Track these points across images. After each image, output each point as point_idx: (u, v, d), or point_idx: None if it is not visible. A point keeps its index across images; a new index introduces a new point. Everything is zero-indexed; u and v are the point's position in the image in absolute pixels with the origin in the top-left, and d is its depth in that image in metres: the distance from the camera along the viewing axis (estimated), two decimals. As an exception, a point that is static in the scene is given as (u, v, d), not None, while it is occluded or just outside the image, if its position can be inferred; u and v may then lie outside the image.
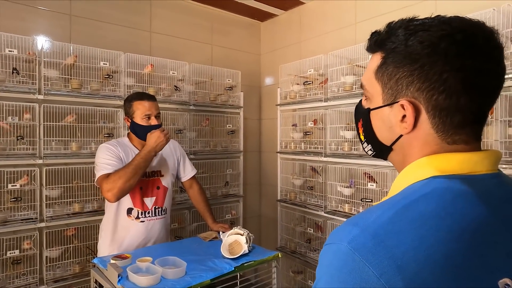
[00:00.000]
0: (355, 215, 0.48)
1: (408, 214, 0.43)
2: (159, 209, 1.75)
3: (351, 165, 2.13)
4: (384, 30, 0.53)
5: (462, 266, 0.40)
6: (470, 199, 0.45)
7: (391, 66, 0.51)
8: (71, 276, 1.99)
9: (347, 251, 0.41)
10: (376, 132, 0.58)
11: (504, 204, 0.48)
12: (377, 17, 2.25)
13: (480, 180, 0.48)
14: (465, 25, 0.48)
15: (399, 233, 0.41)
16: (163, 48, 2.63)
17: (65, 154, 1.99)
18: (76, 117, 2.05)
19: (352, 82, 2.10)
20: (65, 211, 2.00)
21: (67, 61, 2.02)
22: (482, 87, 0.47)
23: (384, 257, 0.39)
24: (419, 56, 0.48)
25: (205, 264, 1.35)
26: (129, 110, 1.70)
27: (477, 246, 0.42)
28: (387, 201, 0.48)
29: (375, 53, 0.55)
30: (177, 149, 1.91)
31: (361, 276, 0.39)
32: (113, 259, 1.35)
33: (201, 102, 2.58)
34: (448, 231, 0.41)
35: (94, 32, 2.32)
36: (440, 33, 0.47)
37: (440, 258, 0.39)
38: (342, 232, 0.45)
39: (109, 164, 1.59)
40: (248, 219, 3.15)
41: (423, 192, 0.46)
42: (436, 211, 0.43)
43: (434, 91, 0.47)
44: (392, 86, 0.52)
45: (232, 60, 3.05)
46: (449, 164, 0.48)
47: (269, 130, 3.19)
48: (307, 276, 2.47)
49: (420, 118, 0.50)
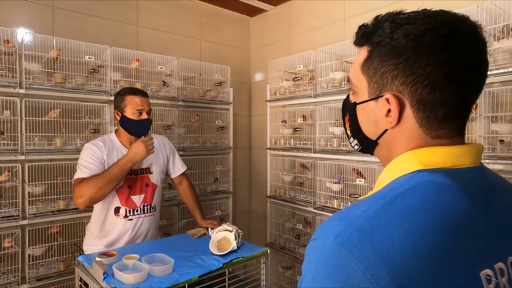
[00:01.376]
0: (341, 210, 0.48)
1: (393, 208, 0.43)
2: (148, 207, 1.72)
3: (340, 161, 2.14)
4: (371, 23, 0.53)
5: (446, 259, 0.40)
6: (454, 192, 0.45)
7: (377, 59, 0.51)
8: (55, 274, 1.94)
9: (332, 246, 0.41)
10: (362, 127, 0.57)
11: (486, 196, 0.48)
12: (365, 13, 2.25)
13: (463, 173, 0.48)
14: (450, 19, 0.48)
15: (385, 227, 0.41)
16: (150, 43, 2.58)
17: (48, 150, 1.94)
18: (60, 112, 2.00)
19: (341, 78, 2.10)
20: (49, 208, 1.95)
21: (50, 55, 1.96)
22: (466, 81, 0.47)
23: (370, 252, 0.39)
24: (404, 50, 0.47)
25: (193, 260, 1.34)
26: (120, 104, 1.66)
27: (461, 239, 0.42)
28: (372, 195, 0.48)
29: (362, 46, 0.54)
30: (167, 145, 1.88)
31: (347, 271, 0.39)
32: (99, 257, 1.32)
33: (190, 98, 2.55)
34: (433, 224, 0.41)
35: (78, 25, 2.25)
36: (424, 26, 0.47)
37: (425, 251, 0.39)
38: (328, 227, 0.44)
39: (87, 167, 1.55)
40: (238, 215, 3.15)
41: (408, 186, 0.46)
42: (421, 205, 0.43)
43: (419, 85, 0.47)
44: (378, 80, 0.51)
45: (221, 56, 3.02)
46: (433, 157, 0.48)
47: (259, 126, 3.18)
48: (296, 271, 2.48)
49: (404, 113, 0.50)
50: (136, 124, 1.64)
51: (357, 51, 0.56)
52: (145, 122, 1.67)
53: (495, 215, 0.47)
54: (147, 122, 1.67)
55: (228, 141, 2.82)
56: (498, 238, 0.46)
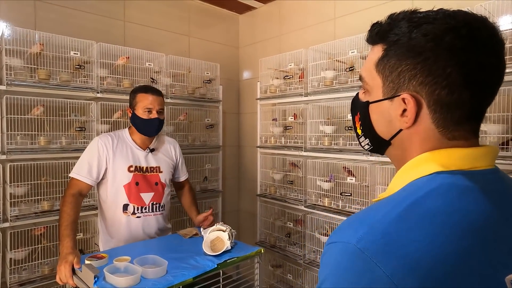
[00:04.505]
0: (357, 213, 0.46)
1: (417, 211, 0.42)
2: (157, 205, 1.72)
3: (330, 160, 2.15)
4: (385, 21, 0.52)
5: (472, 262, 0.39)
6: (474, 194, 0.44)
7: (394, 58, 0.50)
8: (39, 278, 1.87)
9: (355, 251, 0.40)
10: (375, 126, 0.56)
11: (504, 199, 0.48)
12: (356, 13, 2.27)
13: (481, 176, 0.47)
14: (469, 19, 0.47)
15: (409, 230, 0.40)
16: (137, 38, 2.52)
17: (32, 149, 1.86)
18: (44, 110, 1.92)
19: (332, 77, 2.11)
20: (33, 209, 1.87)
21: (32, 50, 1.88)
22: (484, 82, 0.47)
23: (395, 256, 0.38)
24: (422, 49, 0.46)
25: (186, 262, 1.31)
26: (132, 101, 1.68)
27: (484, 242, 0.41)
28: (392, 197, 0.47)
29: (375, 44, 0.53)
30: (177, 149, 1.89)
31: (371, 277, 0.38)
32: (88, 260, 1.28)
33: (178, 95, 2.51)
34: (457, 227, 0.41)
35: (62, 19, 2.17)
36: (444, 26, 0.46)
37: (451, 255, 0.39)
38: (348, 230, 0.43)
39: (81, 168, 1.57)
40: (227, 214, 3.13)
41: (429, 188, 0.45)
42: (444, 208, 0.42)
43: (437, 85, 0.46)
44: (394, 79, 0.50)
45: (210, 53, 2.98)
46: (452, 159, 0.48)
47: (248, 125, 3.16)
48: (286, 269, 2.49)
49: (421, 113, 0.49)
50: (145, 123, 1.65)
51: (370, 49, 0.55)
52: (154, 122, 1.66)
53: None
54: (155, 121, 1.66)
55: (217, 139, 2.80)
56: None
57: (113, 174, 1.62)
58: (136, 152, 1.69)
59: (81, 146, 1.98)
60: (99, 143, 1.62)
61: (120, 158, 1.63)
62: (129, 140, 1.70)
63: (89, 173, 1.57)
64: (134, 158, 1.68)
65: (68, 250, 1.32)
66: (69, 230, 1.41)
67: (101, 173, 1.61)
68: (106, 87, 2.10)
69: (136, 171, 1.67)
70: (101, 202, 1.68)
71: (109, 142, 1.63)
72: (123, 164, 1.64)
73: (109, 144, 1.63)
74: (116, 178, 1.62)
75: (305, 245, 2.28)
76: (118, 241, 1.65)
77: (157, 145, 1.78)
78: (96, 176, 1.59)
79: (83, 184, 1.57)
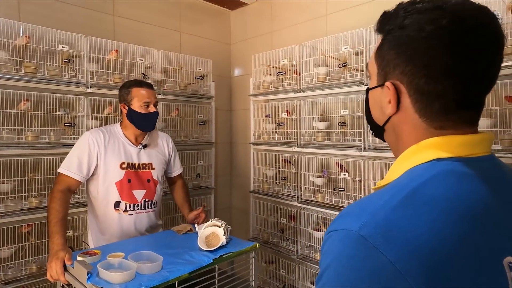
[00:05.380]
0: (358, 201, 0.47)
1: (417, 197, 0.42)
2: (149, 202, 1.70)
3: (323, 156, 2.16)
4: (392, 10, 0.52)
5: (472, 246, 0.40)
6: (473, 181, 0.45)
7: (386, 47, 0.52)
8: (26, 276, 1.82)
9: (358, 238, 0.40)
10: (372, 112, 0.59)
11: (501, 185, 0.48)
12: (348, 9, 2.28)
13: (479, 162, 0.48)
14: (458, 9, 0.46)
15: (411, 217, 0.40)
16: (127, 33, 2.47)
17: (18, 145, 1.80)
18: (31, 104, 1.86)
19: (325, 73, 2.12)
20: (20, 206, 1.82)
21: (17, 42, 1.82)
22: (465, 73, 0.46)
23: (398, 242, 0.38)
24: (406, 39, 0.48)
25: (182, 257, 1.29)
26: (126, 96, 1.63)
27: (483, 227, 0.42)
28: (392, 185, 0.47)
29: (380, 34, 0.55)
30: (170, 143, 1.86)
31: (375, 263, 0.38)
32: (80, 256, 1.25)
33: (170, 91, 2.47)
34: (457, 212, 0.41)
35: (48, 13, 2.10)
36: (428, 16, 0.46)
37: (452, 239, 0.39)
38: (350, 218, 0.43)
39: (70, 163, 1.53)
40: (219, 211, 3.11)
41: (429, 175, 0.45)
42: (444, 194, 0.43)
43: (416, 75, 0.47)
44: (384, 67, 0.52)
45: (202, 49, 2.95)
46: (450, 146, 0.48)
47: (241, 121, 3.15)
48: (280, 265, 2.49)
49: (403, 101, 0.51)
50: (144, 117, 1.62)
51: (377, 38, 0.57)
52: (153, 115, 1.65)
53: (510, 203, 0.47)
54: (154, 115, 1.65)
55: (210, 136, 2.77)
56: None
57: (104, 170, 1.58)
58: (128, 148, 1.66)
59: (70, 142, 1.94)
60: (90, 139, 1.57)
61: (112, 154, 1.60)
62: (121, 135, 1.66)
63: (79, 169, 1.53)
64: (127, 154, 1.65)
65: (58, 247, 1.29)
66: (59, 227, 1.37)
67: (92, 169, 1.57)
68: (96, 82, 2.06)
69: (129, 168, 1.64)
70: (91, 198, 1.64)
71: (100, 137, 1.59)
72: (115, 160, 1.60)
73: (100, 140, 1.59)
74: (108, 175, 1.59)
75: (298, 241, 2.28)
76: (110, 238, 1.61)
77: (149, 140, 1.75)
78: (86, 172, 1.55)
79: (72, 181, 1.53)
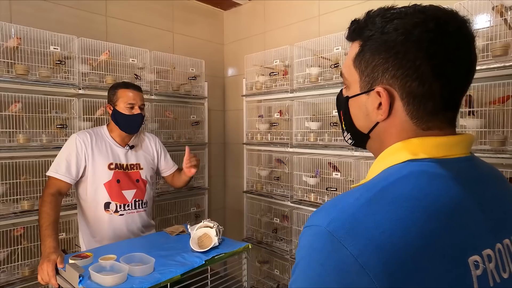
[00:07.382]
0: (334, 198, 0.48)
1: (385, 196, 0.44)
2: (140, 202, 1.70)
3: (316, 156, 2.18)
4: (363, 18, 0.54)
5: (436, 245, 0.41)
6: (445, 181, 0.46)
7: (368, 53, 0.52)
8: (19, 280, 1.81)
9: (325, 233, 0.42)
10: (354, 120, 0.58)
11: (477, 185, 0.50)
12: (340, 10, 2.29)
13: (454, 163, 0.49)
14: (439, 13, 0.49)
15: (376, 214, 0.42)
16: (120, 34, 2.46)
17: (9, 147, 1.80)
18: (23, 106, 1.85)
19: (317, 74, 2.13)
20: (12, 209, 1.81)
21: (9, 44, 1.81)
22: (453, 73, 0.49)
23: (362, 238, 0.40)
24: (393, 44, 0.48)
25: (174, 259, 1.30)
26: (112, 97, 1.64)
27: (452, 226, 0.43)
28: (365, 184, 0.48)
29: (354, 41, 0.55)
30: (157, 143, 1.86)
31: (340, 258, 0.40)
32: (72, 259, 1.25)
33: (163, 92, 2.47)
34: (424, 212, 0.42)
35: (40, 14, 2.09)
36: (414, 20, 0.48)
37: (416, 238, 0.40)
38: (321, 214, 0.45)
39: (59, 166, 1.53)
40: (213, 211, 3.12)
41: (400, 175, 0.47)
42: (413, 193, 0.44)
43: (408, 78, 0.48)
44: (369, 73, 0.52)
45: (194, 49, 2.95)
46: (424, 148, 0.49)
47: (234, 121, 3.15)
48: (273, 265, 2.51)
49: (395, 105, 0.51)
50: (128, 119, 1.62)
51: (350, 46, 0.57)
52: (137, 117, 1.64)
53: (485, 203, 0.49)
54: (138, 117, 1.65)
55: (203, 136, 2.78)
56: (489, 225, 0.47)
57: (92, 172, 1.59)
58: (115, 149, 1.67)
59: (62, 143, 1.90)
60: (77, 140, 1.58)
61: (99, 155, 1.60)
62: (108, 137, 1.67)
63: (67, 171, 1.53)
64: (114, 155, 1.65)
65: (50, 249, 1.29)
66: (51, 230, 1.36)
67: (81, 171, 1.57)
68: (88, 83, 2.05)
69: (117, 169, 1.64)
70: (80, 201, 1.64)
71: (87, 139, 1.60)
72: (102, 161, 1.61)
73: (87, 141, 1.59)
74: (96, 176, 1.59)
75: (291, 241, 2.30)
76: (101, 240, 1.61)
77: (136, 141, 1.76)
78: (75, 174, 1.55)
79: (62, 183, 1.52)
